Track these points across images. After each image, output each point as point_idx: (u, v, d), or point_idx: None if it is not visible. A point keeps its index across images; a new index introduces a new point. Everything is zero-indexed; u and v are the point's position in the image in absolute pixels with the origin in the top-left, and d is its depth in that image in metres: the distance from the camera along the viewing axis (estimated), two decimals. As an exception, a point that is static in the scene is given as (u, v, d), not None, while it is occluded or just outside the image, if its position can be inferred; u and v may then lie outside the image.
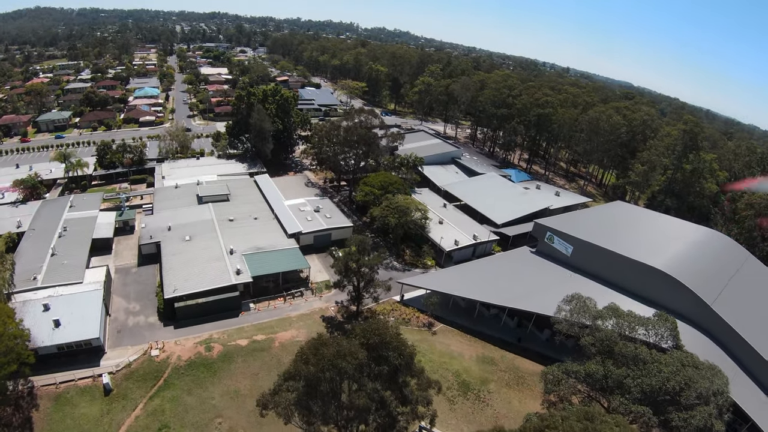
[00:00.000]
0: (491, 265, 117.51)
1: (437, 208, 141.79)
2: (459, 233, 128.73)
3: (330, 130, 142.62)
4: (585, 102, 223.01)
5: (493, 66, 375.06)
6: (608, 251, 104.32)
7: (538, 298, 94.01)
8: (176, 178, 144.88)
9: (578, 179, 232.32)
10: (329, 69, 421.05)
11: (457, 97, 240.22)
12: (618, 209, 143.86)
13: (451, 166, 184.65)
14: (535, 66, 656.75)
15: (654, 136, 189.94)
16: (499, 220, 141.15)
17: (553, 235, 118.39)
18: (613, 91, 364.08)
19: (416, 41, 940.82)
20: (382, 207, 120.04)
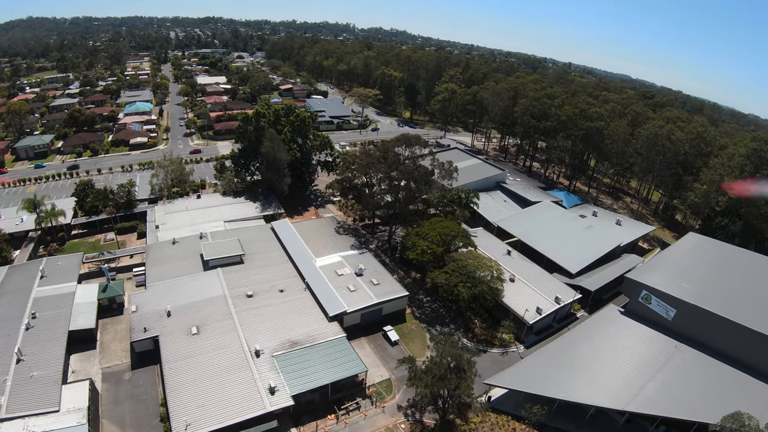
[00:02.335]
0: (587, 343, 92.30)
1: (501, 257, 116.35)
2: (536, 294, 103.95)
3: (367, 163, 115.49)
4: (634, 112, 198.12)
5: (512, 68, 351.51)
6: (727, 320, 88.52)
7: (671, 392, 78.65)
8: (173, 228, 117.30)
9: (623, 195, 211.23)
10: (335, 74, 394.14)
11: (487, 106, 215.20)
12: (712, 251, 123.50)
13: (497, 193, 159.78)
14: (540, 63, 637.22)
15: (711, 152, 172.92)
16: (573, 269, 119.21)
17: (650, 295, 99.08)
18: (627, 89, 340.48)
19: (414, 40, 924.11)
20: (448, 271, 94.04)
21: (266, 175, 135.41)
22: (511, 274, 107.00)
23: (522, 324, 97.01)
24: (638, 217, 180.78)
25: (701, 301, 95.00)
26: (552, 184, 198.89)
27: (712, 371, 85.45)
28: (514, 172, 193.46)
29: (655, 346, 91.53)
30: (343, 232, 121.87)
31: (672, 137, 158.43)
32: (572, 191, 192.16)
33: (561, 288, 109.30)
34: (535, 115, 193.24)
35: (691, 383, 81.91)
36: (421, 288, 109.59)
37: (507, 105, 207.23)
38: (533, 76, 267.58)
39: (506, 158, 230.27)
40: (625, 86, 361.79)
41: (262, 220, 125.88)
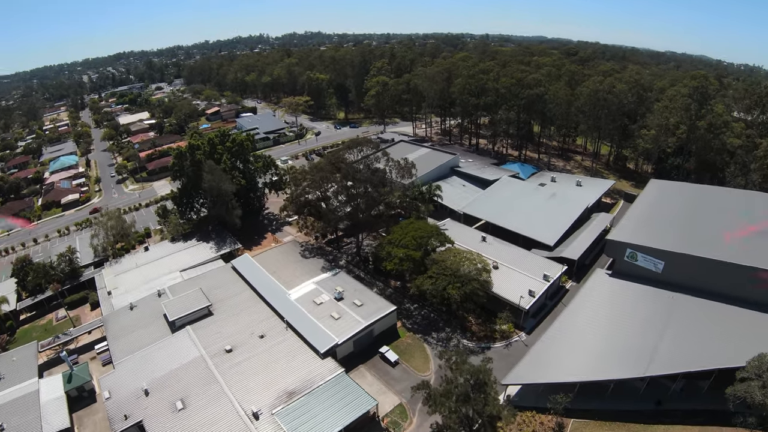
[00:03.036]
0: (588, 316, 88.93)
1: (477, 245, 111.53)
2: (523, 276, 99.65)
3: (320, 177, 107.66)
4: (570, 72, 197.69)
5: (436, 50, 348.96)
6: (715, 261, 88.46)
7: (684, 346, 76.49)
8: (127, 291, 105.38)
9: (573, 155, 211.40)
10: (260, 88, 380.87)
11: (423, 92, 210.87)
12: (675, 195, 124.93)
13: (454, 179, 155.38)
14: (458, 39, 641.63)
15: (652, 97, 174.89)
16: (550, 241, 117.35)
17: (635, 253, 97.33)
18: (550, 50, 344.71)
19: (330, 39, 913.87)
20: (433, 275, 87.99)
21: (213, 211, 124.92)
22: (493, 261, 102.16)
23: (518, 311, 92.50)
24: (593, 173, 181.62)
25: (686, 247, 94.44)
26: (503, 157, 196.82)
27: (714, 314, 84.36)
28: (463, 153, 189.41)
29: (653, 302, 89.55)
30: (309, 255, 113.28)
31: (613, 90, 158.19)
32: (524, 161, 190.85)
33: (545, 264, 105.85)
34: (473, 92, 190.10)
35: (699, 331, 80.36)
36: (405, 296, 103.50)
37: (442, 87, 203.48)
38: (460, 54, 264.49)
39: (451, 141, 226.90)
40: (546, 48, 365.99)
41: (221, 260, 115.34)
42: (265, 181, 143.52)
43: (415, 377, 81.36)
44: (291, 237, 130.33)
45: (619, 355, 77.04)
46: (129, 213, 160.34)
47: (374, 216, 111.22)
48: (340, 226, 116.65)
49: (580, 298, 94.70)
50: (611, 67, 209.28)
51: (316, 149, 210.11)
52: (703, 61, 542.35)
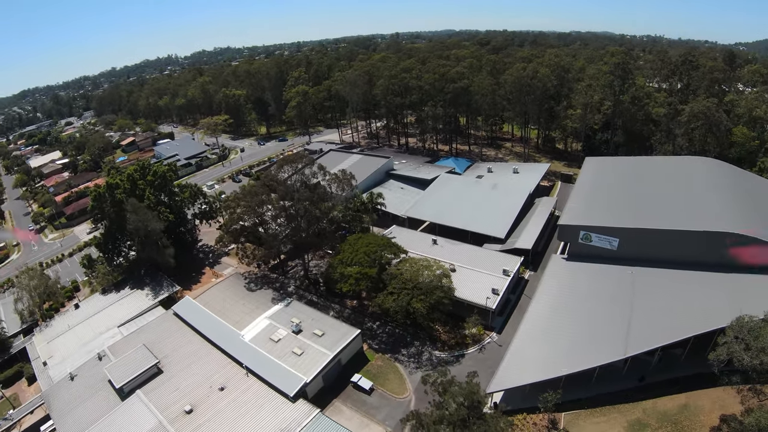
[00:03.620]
0: (554, 305, 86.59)
1: (429, 249, 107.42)
2: (483, 275, 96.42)
3: (257, 203, 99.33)
4: (491, 62, 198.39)
5: (351, 53, 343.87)
6: (667, 231, 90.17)
7: (656, 319, 76.79)
8: (63, 358, 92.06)
9: (502, 142, 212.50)
10: (174, 111, 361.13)
11: (345, 97, 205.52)
12: (612, 170, 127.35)
13: (391, 183, 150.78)
14: (370, 41, 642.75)
15: (573, 77, 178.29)
16: (501, 233, 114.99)
17: (589, 234, 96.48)
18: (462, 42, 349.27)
19: (240, 54, 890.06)
20: (394, 291, 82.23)
21: (143, 253, 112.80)
22: (449, 264, 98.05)
23: (485, 312, 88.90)
24: (526, 158, 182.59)
25: (637, 221, 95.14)
26: (435, 154, 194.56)
27: (674, 282, 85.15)
28: (394, 154, 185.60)
29: (614, 280, 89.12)
30: (255, 287, 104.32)
31: (537, 75, 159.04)
32: (456, 155, 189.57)
33: (501, 258, 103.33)
34: (397, 92, 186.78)
35: (665, 301, 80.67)
36: (365, 315, 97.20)
37: (365, 90, 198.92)
38: (379, 54, 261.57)
39: (379, 143, 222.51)
40: (458, 40, 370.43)
41: (160, 307, 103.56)
42: (195, 212, 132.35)
43: (395, 402, 75.86)
44: (231, 268, 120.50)
45: (598, 340, 75.28)
46: (53, 266, 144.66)
47: (318, 235, 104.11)
48: (283, 250, 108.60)
49: (542, 287, 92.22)
50: (530, 52, 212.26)
51: (243, 169, 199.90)
52: (607, 36, 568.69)
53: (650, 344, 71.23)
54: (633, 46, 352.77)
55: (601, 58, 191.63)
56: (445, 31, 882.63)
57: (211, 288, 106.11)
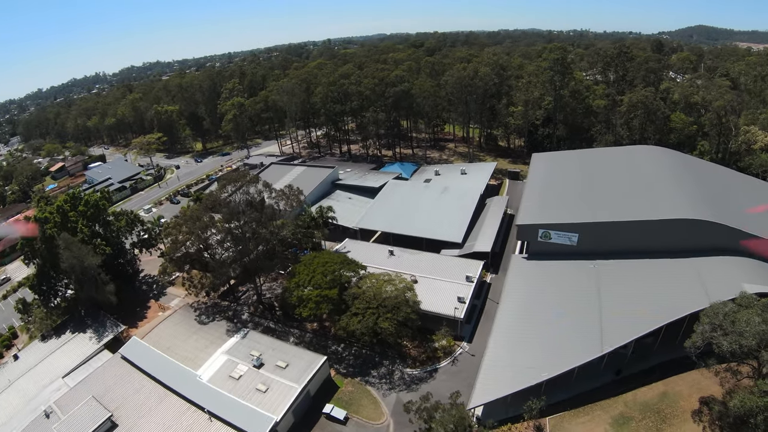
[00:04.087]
0: (521, 308, 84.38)
1: (386, 261, 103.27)
2: (446, 283, 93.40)
3: (200, 227, 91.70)
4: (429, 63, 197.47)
5: (286, 62, 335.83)
6: (627, 222, 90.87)
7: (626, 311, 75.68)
8: (8, 419, 79.45)
9: (445, 143, 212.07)
10: (105, 132, 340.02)
11: (283, 107, 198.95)
12: (561, 164, 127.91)
13: (338, 193, 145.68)
14: (303, 48, 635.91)
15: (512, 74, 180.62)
16: (458, 238, 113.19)
17: (548, 231, 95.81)
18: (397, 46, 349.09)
19: (170, 67, 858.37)
20: (359, 312, 77.29)
21: (81, 293, 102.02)
22: (410, 275, 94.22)
23: (453, 322, 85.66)
24: (471, 158, 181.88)
25: (595, 215, 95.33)
26: (379, 160, 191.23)
27: (640, 271, 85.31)
28: (338, 163, 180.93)
29: (578, 275, 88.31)
30: (206, 319, 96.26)
31: (478, 74, 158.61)
32: (400, 159, 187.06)
33: (461, 264, 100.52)
34: (336, 99, 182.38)
35: (631, 291, 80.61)
36: (328, 337, 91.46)
37: (303, 99, 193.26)
38: (315, 61, 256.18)
39: (320, 152, 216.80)
40: (391, 44, 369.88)
41: (106, 351, 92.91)
42: (134, 241, 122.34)
43: (372, 429, 70.98)
44: (178, 299, 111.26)
45: (573, 340, 73.40)
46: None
47: (268, 256, 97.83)
48: (232, 275, 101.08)
49: (507, 290, 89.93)
50: (468, 52, 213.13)
51: (180, 189, 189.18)
52: (536, 33, 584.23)
53: (625, 338, 70.19)
54: (561, 41, 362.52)
55: (539, 54, 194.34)
56: (377, 35, 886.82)
57: (159, 324, 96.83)
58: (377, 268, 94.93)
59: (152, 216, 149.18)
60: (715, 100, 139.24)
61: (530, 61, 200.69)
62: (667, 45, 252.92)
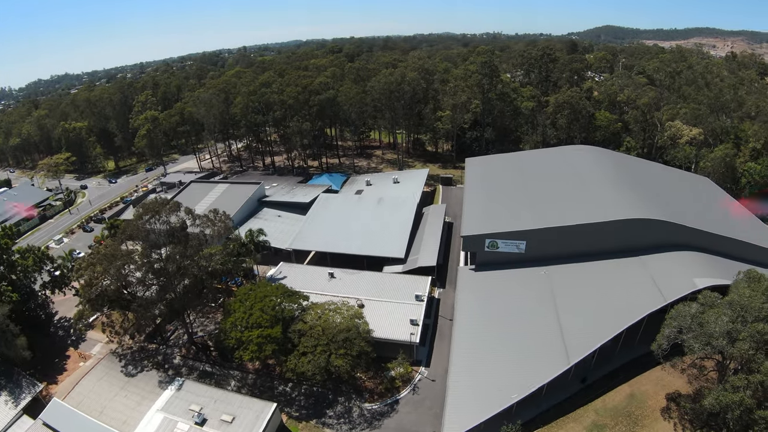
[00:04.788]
0: (477, 325, 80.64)
1: (327, 285, 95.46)
2: (395, 305, 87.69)
3: (119, 265, 79.24)
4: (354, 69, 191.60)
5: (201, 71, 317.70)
6: (575, 226, 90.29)
7: (586, 317, 75.38)
8: None
9: (372, 151, 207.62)
10: (9, 153, 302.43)
11: (201, 119, 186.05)
12: (497, 169, 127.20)
13: (266, 211, 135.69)
14: (216, 56, 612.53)
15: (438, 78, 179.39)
16: (400, 253, 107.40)
17: (496, 241, 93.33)
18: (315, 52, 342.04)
19: (80, 80, 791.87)
20: (307, 351, 69.13)
21: None
22: (355, 299, 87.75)
23: (408, 346, 79.97)
24: (401, 165, 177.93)
25: (542, 221, 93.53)
26: (305, 171, 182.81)
27: (592, 274, 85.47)
28: (263, 177, 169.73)
29: (531, 284, 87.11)
30: (134, 370, 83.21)
31: (406, 79, 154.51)
32: (327, 170, 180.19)
33: (408, 282, 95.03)
34: (257, 109, 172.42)
35: (589, 296, 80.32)
36: (273, 377, 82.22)
37: (222, 110, 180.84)
38: (232, 70, 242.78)
39: (243, 166, 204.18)
40: (310, 49, 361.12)
41: (25, 417, 76.95)
42: (44, 281, 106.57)
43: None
44: (100, 345, 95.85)
45: (538, 354, 71.09)
46: None
47: (196, 292, 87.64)
48: (157, 313, 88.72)
49: (460, 307, 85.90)
50: (393, 57, 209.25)
51: (94, 215, 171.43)
52: (450, 37, 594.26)
53: (590, 346, 68.95)
54: (476, 44, 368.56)
55: (464, 58, 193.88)
56: (293, 42, 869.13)
57: (81, 381, 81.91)
58: (319, 295, 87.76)
59: (63, 248, 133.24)
60: (640, 98, 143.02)
61: (455, 65, 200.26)
62: (580, 45, 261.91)
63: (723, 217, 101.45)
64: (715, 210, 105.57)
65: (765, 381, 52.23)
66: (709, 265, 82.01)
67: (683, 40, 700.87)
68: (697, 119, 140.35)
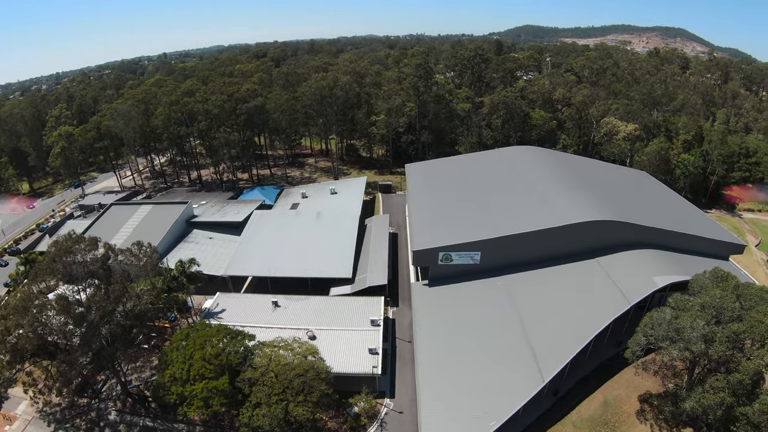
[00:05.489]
0: (442, 343, 75.50)
1: (272, 315, 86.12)
2: (350, 333, 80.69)
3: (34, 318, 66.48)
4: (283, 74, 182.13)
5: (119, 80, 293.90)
6: (531, 233, 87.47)
7: (552, 328, 72.87)
8: None
9: (304, 159, 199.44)
10: None
11: (119, 134, 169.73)
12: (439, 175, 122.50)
13: (197, 234, 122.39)
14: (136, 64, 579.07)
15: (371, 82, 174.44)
16: (347, 273, 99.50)
17: (449, 253, 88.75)
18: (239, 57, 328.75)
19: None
20: (261, 402, 60.01)
21: None
22: (305, 330, 79.71)
23: (370, 379, 72.90)
24: (335, 173, 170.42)
25: (497, 229, 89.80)
26: (235, 185, 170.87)
27: (550, 282, 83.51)
28: (190, 195, 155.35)
29: (490, 297, 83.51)
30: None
31: (338, 83, 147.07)
32: (259, 182, 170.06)
33: (360, 305, 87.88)
34: (181, 120, 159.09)
35: (551, 306, 77.93)
36: (223, 428, 72.30)
37: (142, 122, 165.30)
38: (151, 79, 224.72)
39: (167, 182, 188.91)
40: (234, 55, 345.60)
41: None
42: None
43: None
44: (25, 402, 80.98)
45: (510, 373, 67.21)
46: None
47: (125, 340, 76.21)
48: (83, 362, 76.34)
49: (419, 327, 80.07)
50: (323, 60, 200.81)
51: (7, 247, 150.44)
52: (375, 39, 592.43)
53: (562, 360, 65.14)
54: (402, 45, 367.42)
55: (397, 61, 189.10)
56: (215, 47, 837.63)
57: None
58: (265, 329, 79.02)
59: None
60: (575, 96, 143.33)
61: (385, 67, 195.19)
62: (505, 44, 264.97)
63: (668, 210, 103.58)
64: (659, 204, 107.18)
65: (744, 380, 52.86)
66: (664, 261, 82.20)
67: (601, 38, 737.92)
68: (630, 114, 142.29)
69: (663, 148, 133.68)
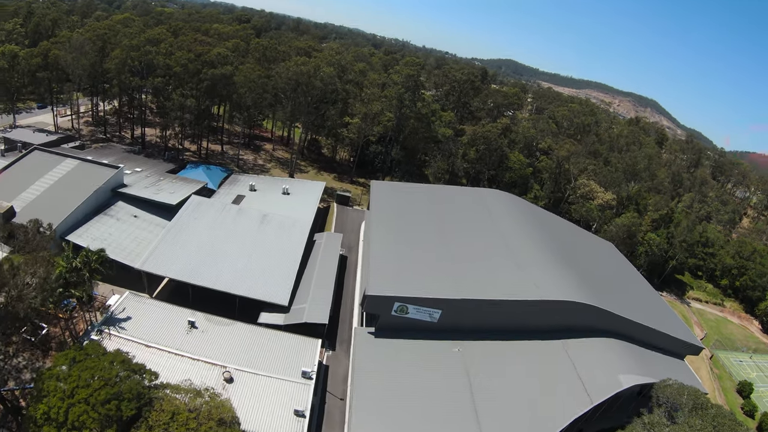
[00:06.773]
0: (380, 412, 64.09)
1: (184, 338, 69.80)
2: (274, 382, 66.62)
3: None
4: (262, 47, 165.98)
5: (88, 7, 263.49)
6: (502, 301, 79.13)
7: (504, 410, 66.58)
8: None
9: (262, 144, 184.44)
10: None
11: (66, 68, 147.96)
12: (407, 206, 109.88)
13: (121, 207, 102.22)
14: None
15: (352, 80, 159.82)
16: (283, 299, 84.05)
17: (405, 306, 77.20)
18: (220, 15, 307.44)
19: None
20: None
21: None
22: (221, 368, 65.78)
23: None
24: (292, 167, 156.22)
25: (463, 289, 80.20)
26: (179, 155, 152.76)
27: (510, 360, 75.90)
28: (127, 156, 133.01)
29: (443, 363, 74.18)
30: None
31: (319, 74, 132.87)
32: (206, 157, 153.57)
33: (292, 344, 73.03)
34: (136, 70, 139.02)
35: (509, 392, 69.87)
36: None
37: (94, 61, 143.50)
38: (121, 15, 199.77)
39: (107, 134, 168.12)
40: (215, 12, 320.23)
41: None
42: None
43: None
44: None
45: None
46: None
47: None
48: None
49: (357, 386, 67.60)
50: (308, 43, 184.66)
51: None
52: (360, 34, 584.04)
53: None
54: (386, 46, 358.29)
55: (386, 66, 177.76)
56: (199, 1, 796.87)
57: None
58: (173, 355, 65.00)
59: None
60: (559, 149, 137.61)
61: (370, 66, 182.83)
62: (489, 74, 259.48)
63: (635, 296, 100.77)
64: (627, 287, 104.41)
65: None
66: (630, 356, 78.54)
67: (577, 90, 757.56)
68: (611, 182, 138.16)
69: (634, 223, 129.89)
